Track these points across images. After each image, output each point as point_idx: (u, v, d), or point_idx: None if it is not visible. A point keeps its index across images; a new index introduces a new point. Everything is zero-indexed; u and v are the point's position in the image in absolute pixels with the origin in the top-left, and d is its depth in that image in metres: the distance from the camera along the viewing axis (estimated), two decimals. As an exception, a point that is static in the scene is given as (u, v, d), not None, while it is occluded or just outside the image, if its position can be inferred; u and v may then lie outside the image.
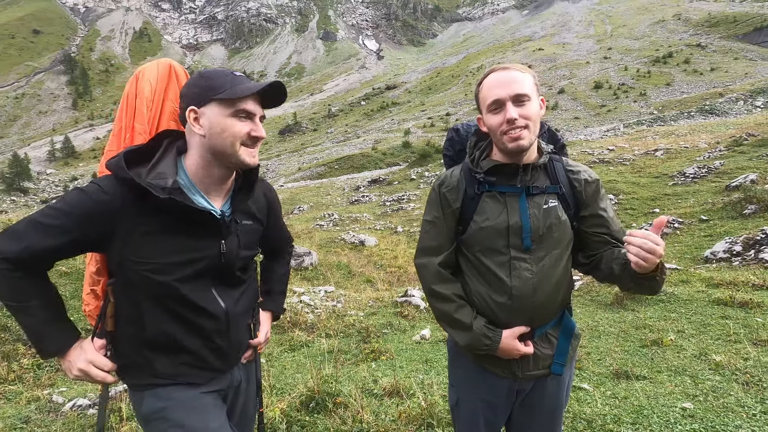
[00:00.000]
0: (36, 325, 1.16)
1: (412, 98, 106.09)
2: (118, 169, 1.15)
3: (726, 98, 44.55)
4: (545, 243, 1.34)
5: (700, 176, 11.61)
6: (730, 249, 6.33)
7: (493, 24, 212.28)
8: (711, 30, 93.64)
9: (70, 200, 1.14)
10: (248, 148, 1.23)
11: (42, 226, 1.12)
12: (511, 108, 1.28)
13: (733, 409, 2.56)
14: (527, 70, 1.35)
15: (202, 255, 1.23)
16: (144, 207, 1.15)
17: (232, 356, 1.36)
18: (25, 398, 3.62)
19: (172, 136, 1.27)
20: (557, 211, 1.35)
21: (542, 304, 1.35)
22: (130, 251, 1.16)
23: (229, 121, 1.20)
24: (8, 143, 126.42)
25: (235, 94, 1.19)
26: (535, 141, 1.35)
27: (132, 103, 1.31)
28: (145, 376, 1.24)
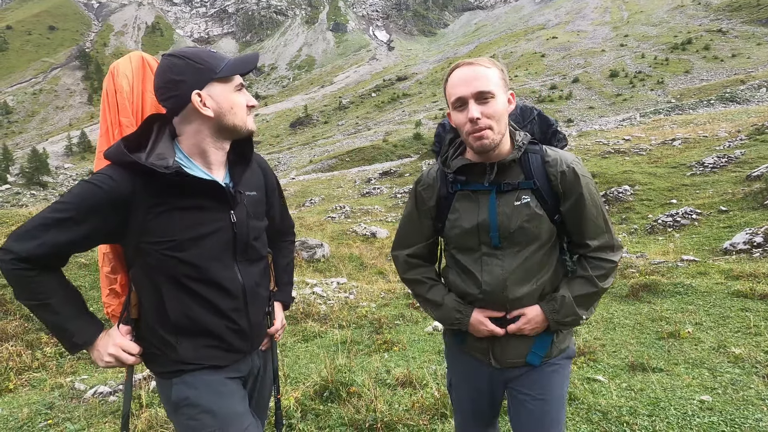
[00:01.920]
0: (60, 321, 1.17)
1: (423, 89, 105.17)
2: (120, 154, 1.15)
3: (747, 85, 43.18)
4: (518, 239, 1.33)
5: (719, 166, 11.31)
6: (750, 240, 6.18)
7: (505, 12, 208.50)
8: (733, 14, 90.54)
9: (79, 192, 1.14)
10: (249, 116, 1.30)
11: (53, 221, 1.12)
12: (473, 107, 1.25)
13: (753, 402, 2.51)
14: (494, 64, 1.32)
15: (215, 227, 1.24)
16: (152, 188, 1.16)
17: (253, 338, 1.37)
18: (49, 385, 3.74)
19: (161, 120, 1.27)
20: (530, 208, 1.32)
21: (518, 299, 1.35)
22: (146, 233, 1.17)
23: (235, 96, 1.24)
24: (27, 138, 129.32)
25: (233, 70, 1.23)
26: (503, 138, 1.31)
27: (113, 99, 1.32)
28: (170, 363, 1.26)
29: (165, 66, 1.21)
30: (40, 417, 3.05)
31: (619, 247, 1.40)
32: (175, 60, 1.20)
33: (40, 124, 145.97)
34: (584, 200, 1.32)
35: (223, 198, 1.26)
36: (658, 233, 8.42)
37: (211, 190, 1.23)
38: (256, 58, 1.28)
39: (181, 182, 1.17)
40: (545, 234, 1.34)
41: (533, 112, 1.48)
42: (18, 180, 65.64)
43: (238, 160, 1.36)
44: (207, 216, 1.23)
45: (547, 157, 1.35)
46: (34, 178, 65.38)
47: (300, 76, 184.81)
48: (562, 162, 1.34)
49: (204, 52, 1.24)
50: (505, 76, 1.33)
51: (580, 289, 1.35)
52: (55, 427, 2.87)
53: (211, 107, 1.21)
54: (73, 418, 2.98)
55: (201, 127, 1.23)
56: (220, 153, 1.29)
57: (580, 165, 1.36)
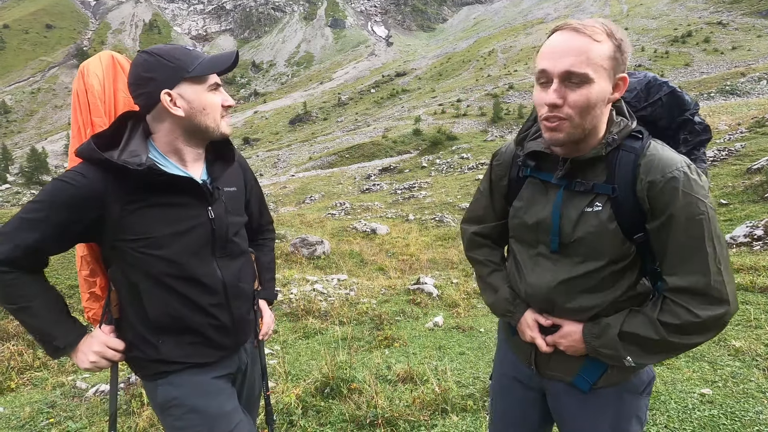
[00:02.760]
0: (41, 325, 1.15)
1: (422, 85, 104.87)
2: (91, 152, 1.12)
3: (748, 78, 43.04)
4: (579, 251, 1.09)
5: (720, 159, 11.29)
6: (751, 233, 6.16)
7: (504, 6, 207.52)
8: (733, 6, 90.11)
9: (51, 190, 1.11)
10: (225, 118, 1.26)
11: (27, 221, 1.10)
12: (555, 89, 0.98)
13: (753, 395, 2.51)
14: (610, 36, 1.00)
15: (192, 224, 1.22)
16: (126, 186, 1.13)
17: (238, 333, 1.35)
18: (51, 384, 3.75)
19: (135, 118, 1.24)
20: (601, 218, 1.05)
21: (565, 311, 1.15)
22: (122, 231, 1.15)
23: (207, 96, 1.21)
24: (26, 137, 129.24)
25: (207, 69, 1.19)
26: (587, 133, 1.03)
27: (84, 99, 1.29)
28: (154, 364, 1.24)
29: (137, 62, 1.19)
30: (41, 415, 3.06)
31: (721, 301, 0.98)
32: (146, 57, 1.18)
33: (39, 123, 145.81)
34: (674, 223, 0.99)
35: (199, 194, 1.24)
36: (659, 227, 8.43)
37: (186, 187, 1.21)
38: (232, 57, 1.22)
39: (155, 180, 1.15)
40: (615, 252, 1.06)
41: (661, 90, 1.15)
42: (17, 179, 65.62)
43: (217, 157, 1.34)
44: (184, 212, 1.22)
45: (641, 159, 1.02)
46: (33, 177, 65.34)
47: (299, 72, 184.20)
48: (658, 168, 1.00)
49: (179, 50, 1.20)
50: (620, 54, 1.01)
51: (636, 326, 1.05)
52: (57, 426, 2.88)
53: (182, 107, 1.18)
54: (74, 417, 2.98)
55: (173, 126, 1.21)
56: (196, 152, 1.27)
57: (686, 176, 0.98)
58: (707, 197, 0.99)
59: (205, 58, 1.21)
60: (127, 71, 1.31)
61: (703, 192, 0.98)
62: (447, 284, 6.04)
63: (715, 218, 0.99)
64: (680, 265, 1.01)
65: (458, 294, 5.49)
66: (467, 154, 25.31)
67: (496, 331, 1.53)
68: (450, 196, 15.25)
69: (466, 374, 3.19)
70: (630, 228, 1.05)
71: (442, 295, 5.52)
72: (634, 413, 1.18)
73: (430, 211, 13.39)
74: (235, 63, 1.24)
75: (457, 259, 7.75)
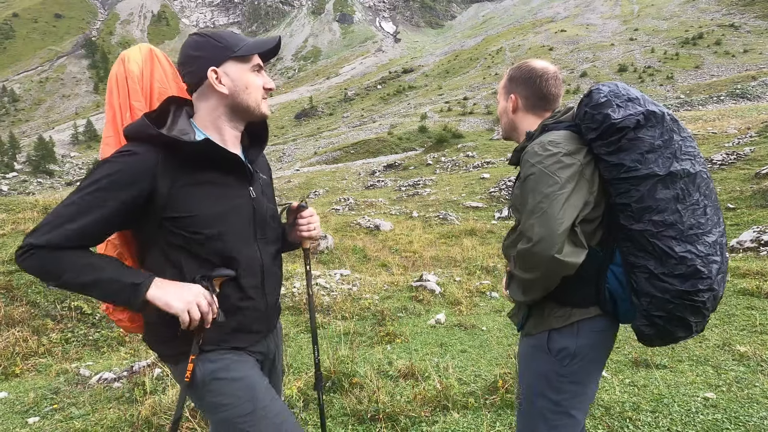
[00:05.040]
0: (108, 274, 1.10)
1: (429, 82, 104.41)
2: (144, 127, 1.14)
3: (759, 81, 42.56)
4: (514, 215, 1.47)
5: (728, 163, 11.17)
6: (758, 238, 6.11)
7: (513, 5, 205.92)
8: (746, 8, 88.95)
9: (102, 170, 1.11)
10: (265, 100, 1.30)
11: (80, 204, 1.08)
12: None
13: (758, 400, 2.50)
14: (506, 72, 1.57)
15: (237, 203, 1.25)
16: (175, 162, 1.15)
17: (270, 318, 1.37)
18: (55, 371, 3.78)
19: (176, 103, 1.28)
20: (514, 191, 1.43)
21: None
22: (172, 208, 1.14)
23: (250, 76, 1.25)
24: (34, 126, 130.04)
25: (252, 50, 1.25)
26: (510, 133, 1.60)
27: (123, 83, 1.32)
28: (189, 344, 1.21)
29: (187, 43, 1.25)
30: (45, 401, 3.09)
31: (528, 239, 1.25)
32: (197, 37, 1.24)
33: (47, 113, 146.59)
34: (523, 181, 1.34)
35: (243, 174, 1.27)
36: (664, 230, 8.37)
37: (233, 165, 1.24)
38: (275, 41, 1.29)
39: (206, 155, 1.17)
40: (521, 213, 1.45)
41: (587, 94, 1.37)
42: (25, 168, 66.10)
43: (251, 143, 1.38)
44: (229, 192, 1.24)
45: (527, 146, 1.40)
46: (40, 166, 65.81)
47: (305, 67, 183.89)
48: (536, 141, 1.37)
49: (226, 32, 1.27)
50: (507, 83, 1.54)
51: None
52: (61, 412, 2.90)
53: (227, 85, 1.22)
54: (78, 404, 3.01)
55: (217, 104, 1.25)
56: (235, 132, 1.30)
57: (533, 151, 1.30)
58: (540, 162, 1.27)
59: (250, 40, 1.27)
60: (163, 65, 1.38)
61: (537, 158, 1.28)
62: (450, 282, 6.03)
63: (541, 176, 1.25)
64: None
65: (461, 292, 5.48)
66: (473, 152, 25.19)
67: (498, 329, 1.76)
68: (454, 194, 15.20)
69: (468, 372, 3.18)
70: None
71: (445, 293, 5.52)
72: (543, 371, 1.39)
73: (434, 209, 13.36)
74: (278, 48, 1.30)
75: (460, 257, 7.74)
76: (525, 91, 1.48)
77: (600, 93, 1.32)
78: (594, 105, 1.30)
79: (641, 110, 1.26)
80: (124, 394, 3.05)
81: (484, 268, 6.77)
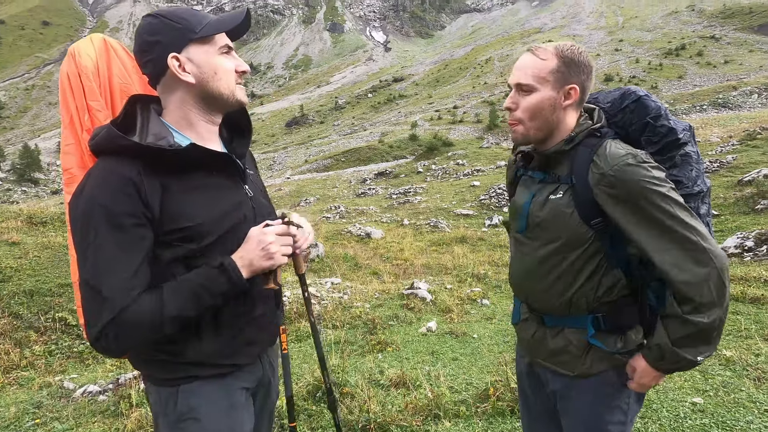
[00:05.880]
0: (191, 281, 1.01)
1: (419, 91, 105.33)
2: (113, 138, 0.98)
3: (740, 91, 43.74)
4: (541, 233, 1.25)
5: (711, 171, 11.42)
6: (741, 244, 6.23)
7: (502, 15, 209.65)
8: (726, 21, 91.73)
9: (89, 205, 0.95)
10: (239, 85, 1.13)
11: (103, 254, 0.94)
12: (510, 95, 1.26)
13: (744, 404, 2.53)
14: (555, 55, 1.18)
15: (235, 204, 1.12)
16: (158, 170, 1.01)
17: (270, 327, 1.25)
18: (37, 384, 3.69)
19: (142, 101, 1.12)
20: (559, 205, 1.20)
21: (536, 294, 1.29)
22: (168, 221, 1.01)
23: (219, 59, 1.08)
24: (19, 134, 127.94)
25: (217, 28, 1.07)
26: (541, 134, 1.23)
27: (77, 82, 1.15)
28: (184, 366, 1.09)
29: (141, 27, 1.07)
30: (27, 416, 3.00)
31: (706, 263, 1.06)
32: (150, 19, 1.06)
33: (33, 120, 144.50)
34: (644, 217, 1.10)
35: (235, 172, 1.14)
36: (651, 236, 8.50)
37: (224, 164, 1.11)
38: (242, 16, 1.10)
39: (192, 160, 1.03)
40: (570, 233, 1.18)
41: (630, 98, 1.24)
42: (9, 176, 64.84)
43: (232, 135, 1.23)
44: (225, 193, 1.11)
45: (599, 152, 1.16)
46: (25, 174, 64.60)
47: (296, 75, 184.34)
48: (608, 159, 1.13)
49: (184, 10, 1.09)
50: (563, 67, 1.18)
51: (675, 330, 1.11)
52: (43, 427, 2.82)
53: (192, 72, 1.06)
54: (61, 418, 2.93)
55: (185, 96, 1.08)
56: (211, 126, 1.15)
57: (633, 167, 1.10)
58: (661, 180, 1.10)
59: (213, 18, 1.10)
60: (121, 56, 1.21)
61: (651, 174, 1.10)
62: (441, 289, 6.04)
63: (671, 194, 1.10)
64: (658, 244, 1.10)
65: (452, 299, 5.49)
66: (463, 160, 25.38)
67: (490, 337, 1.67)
68: (445, 201, 15.27)
69: (459, 380, 3.18)
70: (587, 213, 1.18)
71: (436, 301, 5.52)
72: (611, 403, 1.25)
73: (425, 216, 13.40)
74: (247, 24, 1.12)
75: (451, 265, 7.75)
76: (587, 82, 1.21)
77: (653, 102, 1.22)
78: (655, 116, 1.20)
79: (686, 124, 1.22)
80: (110, 408, 2.98)
81: (474, 276, 6.79)
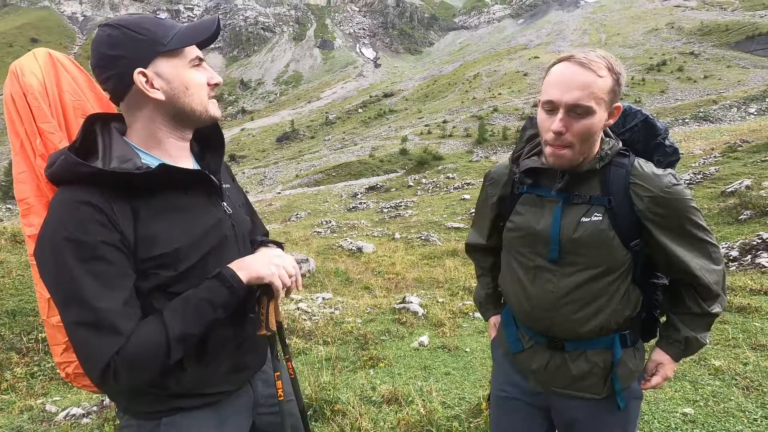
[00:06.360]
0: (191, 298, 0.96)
1: (409, 106, 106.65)
2: (75, 166, 0.89)
3: (720, 105, 45.01)
4: (577, 259, 1.17)
5: (695, 182, 11.67)
6: (726, 254, 6.34)
7: (489, 32, 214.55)
8: (703, 38, 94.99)
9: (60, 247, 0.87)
10: (212, 99, 1.06)
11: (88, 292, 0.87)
12: (560, 118, 1.08)
13: (734, 413, 2.55)
14: (611, 69, 1.07)
15: (214, 223, 1.05)
16: (126, 197, 0.93)
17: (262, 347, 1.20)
18: (18, 408, 3.57)
19: (100, 120, 1.03)
20: (599, 227, 1.14)
21: (566, 323, 1.21)
22: (143, 249, 0.94)
23: (190, 73, 1.01)
24: (5, 151, 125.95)
25: (186, 40, 0.99)
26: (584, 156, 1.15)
27: (23, 104, 1.03)
28: (165, 399, 1.02)
29: (99, 38, 0.96)
30: (7, 442, 2.90)
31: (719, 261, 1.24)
32: (109, 30, 0.95)
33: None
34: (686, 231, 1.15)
35: (211, 190, 1.07)
36: (639, 247, 8.62)
37: (198, 182, 1.04)
38: (213, 24, 1.02)
39: (162, 181, 0.96)
40: (612, 260, 1.16)
41: (636, 117, 1.25)
42: (-7, 194, 63.65)
43: (203, 150, 1.16)
44: (201, 213, 1.04)
45: (635, 173, 1.14)
46: (10, 191, 63.41)
47: (287, 91, 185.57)
48: (650, 180, 1.13)
49: (149, 19, 0.99)
50: (618, 87, 1.10)
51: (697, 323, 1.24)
52: (23, 453, 2.73)
53: (161, 88, 0.98)
54: (42, 443, 2.84)
55: (153, 113, 1.00)
56: (182, 143, 1.07)
57: (678, 187, 1.13)
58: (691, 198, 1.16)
59: (182, 27, 1.01)
60: (70, 71, 1.11)
61: (689, 194, 1.16)
62: (433, 303, 6.02)
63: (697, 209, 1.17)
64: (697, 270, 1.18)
65: (444, 313, 5.47)
66: (453, 174, 25.61)
67: (482, 350, 1.64)
68: (436, 215, 15.33)
69: (452, 395, 3.15)
70: (627, 236, 1.15)
71: (428, 315, 5.50)
72: (635, 417, 1.28)
73: (416, 230, 13.43)
74: (218, 32, 1.03)
75: (442, 279, 7.75)
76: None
77: (658, 122, 1.26)
78: (664, 136, 1.25)
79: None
80: (93, 431, 2.90)
81: (466, 289, 6.79)
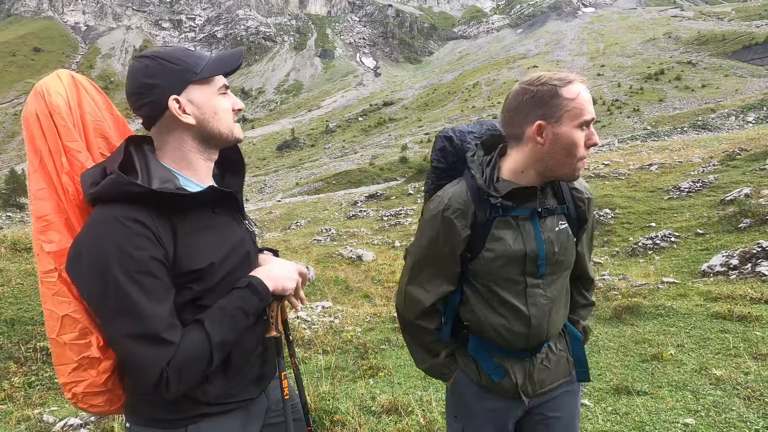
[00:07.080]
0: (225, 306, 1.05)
1: (408, 114, 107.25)
2: (127, 185, 0.97)
3: (718, 114, 45.23)
4: (557, 268, 1.27)
5: (695, 190, 11.69)
6: (726, 263, 6.33)
7: (488, 42, 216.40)
8: (701, 48, 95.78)
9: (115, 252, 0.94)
10: (237, 123, 1.18)
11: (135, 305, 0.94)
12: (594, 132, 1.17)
13: (735, 424, 2.53)
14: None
15: (239, 240, 1.15)
16: (167, 214, 1.01)
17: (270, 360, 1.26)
18: (15, 418, 3.54)
19: (134, 142, 1.13)
20: (568, 233, 1.27)
21: (554, 325, 1.30)
22: (180, 264, 1.02)
23: (218, 100, 1.12)
24: (6, 159, 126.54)
25: (216, 70, 1.10)
26: None
27: (48, 122, 1.05)
28: (190, 406, 1.07)
29: (136, 69, 1.07)
30: (3, 453, 2.88)
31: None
32: (147, 61, 1.06)
33: (20, 145, 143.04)
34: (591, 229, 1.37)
35: (236, 208, 1.18)
36: (639, 256, 8.58)
37: (226, 202, 1.13)
38: (239, 55, 1.15)
39: (201, 201, 1.06)
40: (572, 260, 1.32)
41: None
42: (-6, 202, 63.69)
43: (224, 168, 1.26)
44: (229, 231, 1.14)
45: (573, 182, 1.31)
46: (11, 199, 63.54)
47: (287, 100, 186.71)
48: (585, 189, 1.34)
49: (180, 50, 1.10)
50: None
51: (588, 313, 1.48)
52: (20, 464, 2.70)
53: (192, 113, 1.07)
54: (39, 454, 2.82)
55: (183, 136, 1.10)
56: (209, 164, 1.17)
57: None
58: None
59: (211, 58, 1.12)
60: (90, 93, 1.16)
61: None
62: (433, 312, 6.00)
63: None
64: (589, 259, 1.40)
65: (444, 322, 5.45)
66: (453, 182, 25.66)
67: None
68: (436, 223, 15.33)
69: (452, 405, 3.13)
70: (576, 236, 1.31)
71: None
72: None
73: (416, 238, 13.43)
74: (240, 63, 1.17)
75: (442, 287, 7.74)
76: None
77: None
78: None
79: None
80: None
81: (466, 297, 6.77)
